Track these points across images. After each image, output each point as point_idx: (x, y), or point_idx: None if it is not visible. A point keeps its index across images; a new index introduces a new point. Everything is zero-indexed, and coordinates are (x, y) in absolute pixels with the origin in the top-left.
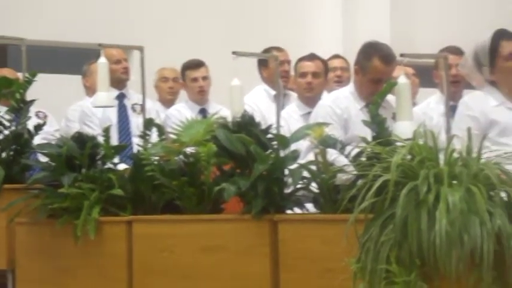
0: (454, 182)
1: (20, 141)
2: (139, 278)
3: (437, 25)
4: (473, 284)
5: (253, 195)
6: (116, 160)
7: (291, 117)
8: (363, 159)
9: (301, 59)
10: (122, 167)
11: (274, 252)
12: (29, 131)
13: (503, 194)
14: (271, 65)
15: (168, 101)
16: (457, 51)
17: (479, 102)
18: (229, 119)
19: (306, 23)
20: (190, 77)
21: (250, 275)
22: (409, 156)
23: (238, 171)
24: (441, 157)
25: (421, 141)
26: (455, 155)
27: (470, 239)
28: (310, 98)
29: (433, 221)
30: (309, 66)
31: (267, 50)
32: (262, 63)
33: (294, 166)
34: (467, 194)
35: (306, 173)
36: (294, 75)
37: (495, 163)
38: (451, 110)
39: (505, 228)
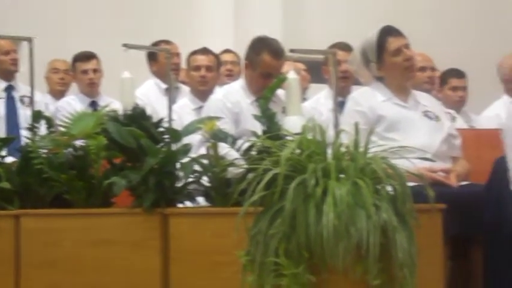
0: (342, 175)
1: None
2: (26, 273)
3: (327, 21)
4: (360, 275)
5: (144, 189)
6: (3, 153)
7: (183, 111)
8: (254, 153)
9: (194, 53)
10: (9, 160)
11: (164, 246)
12: None
13: (389, 188)
14: (161, 59)
15: (58, 93)
16: (346, 48)
17: (367, 98)
18: (120, 112)
19: (197, 16)
20: (80, 69)
21: (140, 269)
22: (298, 150)
23: (128, 164)
24: (329, 151)
25: (310, 136)
26: (343, 149)
27: (356, 232)
28: (203, 92)
29: (321, 214)
30: (203, 59)
31: (156, 44)
32: (152, 57)
33: (185, 160)
34: (354, 187)
35: (197, 167)
36: (187, 69)
37: (382, 157)
38: (340, 105)
39: (390, 221)
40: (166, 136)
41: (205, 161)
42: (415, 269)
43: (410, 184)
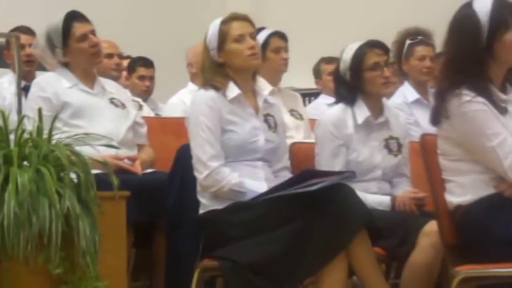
0: (24, 163)
1: None
2: None
3: (11, 5)
4: (41, 264)
5: None
6: None
7: None
8: None
9: None
10: None
11: None
12: None
13: (73, 175)
14: None
15: None
16: (29, 31)
17: (52, 84)
18: None
19: None
20: None
21: None
22: None
23: None
24: (12, 138)
25: None
26: (26, 135)
27: (38, 220)
28: None
29: (2, 203)
30: None
31: None
32: None
33: None
34: (37, 175)
35: None
36: None
37: (66, 144)
38: (24, 90)
39: (73, 209)
40: None
41: None
42: (97, 257)
43: (95, 171)
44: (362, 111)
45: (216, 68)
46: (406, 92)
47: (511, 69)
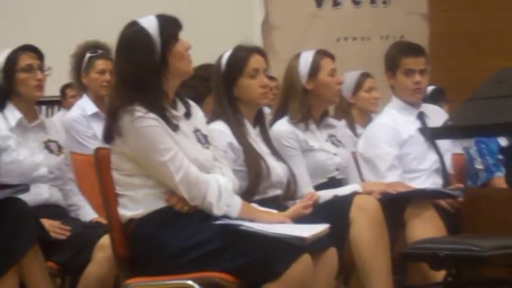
0: None
1: None
2: None
3: None
4: None
5: None
6: None
7: None
8: None
9: None
10: None
11: None
12: None
13: None
14: None
15: None
16: None
17: None
18: None
19: None
20: None
21: None
22: None
23: None
24: None
25: None
26: None
27: None
28: None
29: None
30: None
31: None
32: None
33: None
34: None
35: None
36: None
37: None
38: None
39: None
40: None
41: None
42: None
43: None
44: (14, 114)
45: None
46: (85, 105)
47: (184, 86)
